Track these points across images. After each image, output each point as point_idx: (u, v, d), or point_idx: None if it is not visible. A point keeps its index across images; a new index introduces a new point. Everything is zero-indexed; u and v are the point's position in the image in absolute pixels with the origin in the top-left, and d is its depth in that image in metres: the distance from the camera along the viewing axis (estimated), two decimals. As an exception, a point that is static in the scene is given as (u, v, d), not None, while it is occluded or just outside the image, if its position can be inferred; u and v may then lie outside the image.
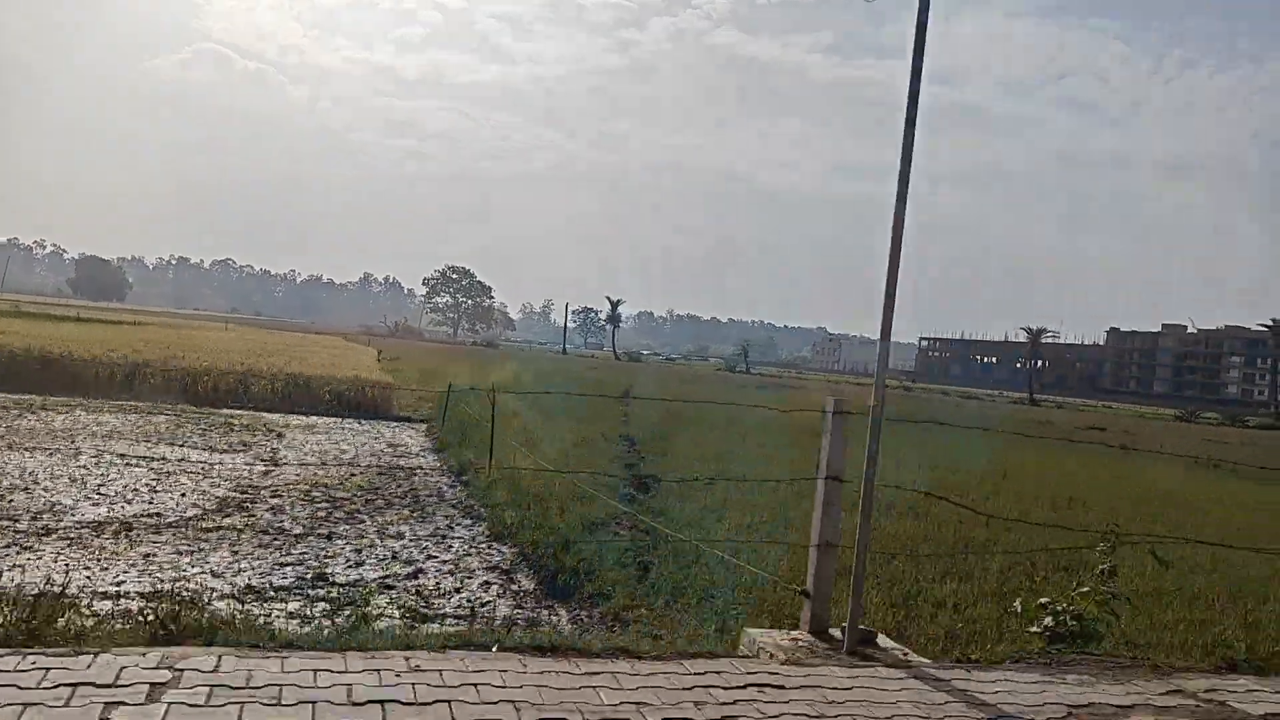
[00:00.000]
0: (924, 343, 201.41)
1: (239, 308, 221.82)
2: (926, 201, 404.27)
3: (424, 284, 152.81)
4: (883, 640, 5.15)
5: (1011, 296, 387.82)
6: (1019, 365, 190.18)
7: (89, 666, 3.64)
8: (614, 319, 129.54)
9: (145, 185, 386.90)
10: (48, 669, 3.59)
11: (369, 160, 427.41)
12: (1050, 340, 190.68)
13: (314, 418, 21.02)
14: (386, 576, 7.90)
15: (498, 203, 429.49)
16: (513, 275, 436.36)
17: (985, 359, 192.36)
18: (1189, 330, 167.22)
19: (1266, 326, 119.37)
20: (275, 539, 8.93)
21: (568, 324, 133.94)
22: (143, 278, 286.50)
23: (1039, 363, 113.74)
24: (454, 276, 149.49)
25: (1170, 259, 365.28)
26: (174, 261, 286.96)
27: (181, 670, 3.69)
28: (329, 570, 7.96)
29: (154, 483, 11.28)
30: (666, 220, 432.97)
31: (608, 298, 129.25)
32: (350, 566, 8.20)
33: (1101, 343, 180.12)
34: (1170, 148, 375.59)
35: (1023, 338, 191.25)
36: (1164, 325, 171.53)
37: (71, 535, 8.40)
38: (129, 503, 10.03)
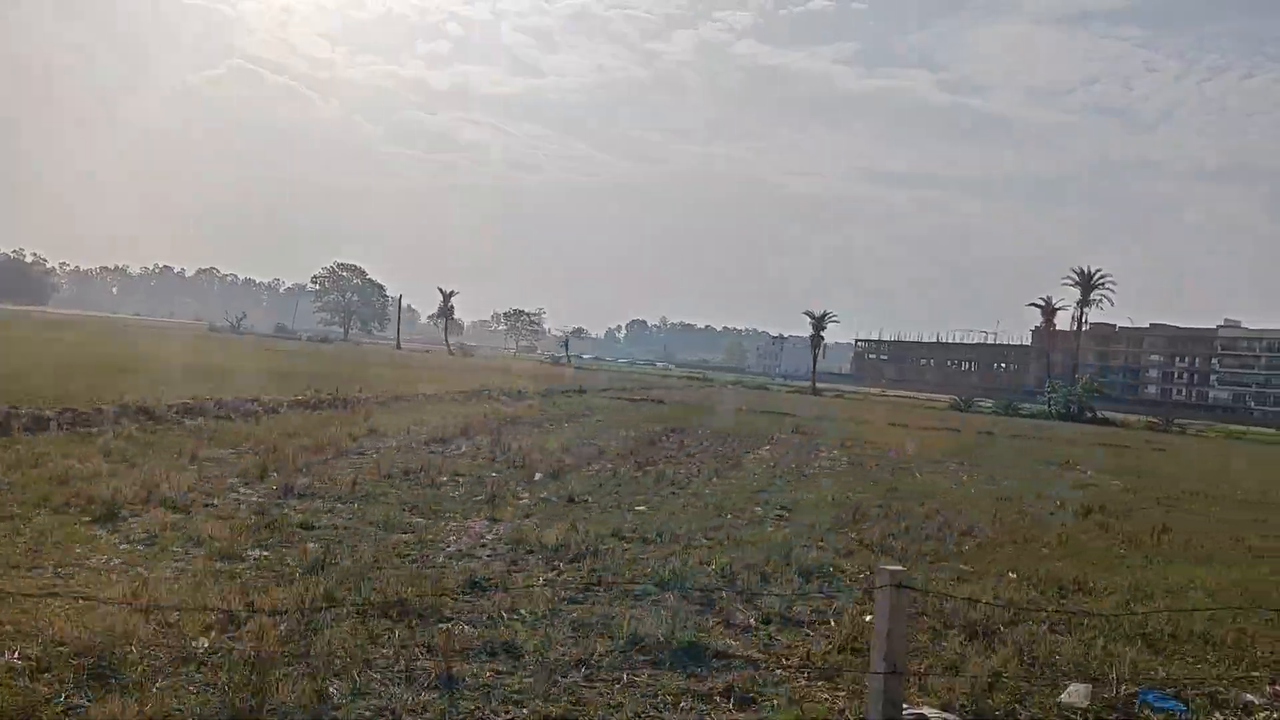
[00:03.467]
0: (860, 345, 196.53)
1: (202, 314, 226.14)
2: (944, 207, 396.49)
3: (313, 281, 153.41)
4: None
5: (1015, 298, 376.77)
6: (950, 364, 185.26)
7: None
8: (446, 312, 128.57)
9: (170, 198, 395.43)
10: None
11: (399, 172, 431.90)
12: (985, 342, 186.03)
13: None
14: None
15: (526, 215, 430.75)
16: (537, 286, 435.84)
17: (923, 360, 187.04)
18: (1115, 328, 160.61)
19: (1038, 305, 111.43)
20: None
21: (412, 318, 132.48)
22: (125, 286, 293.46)
23: (820, 352, 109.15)
24: (344, 275, 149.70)
25: (1195, 262, 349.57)
26: (157, 270, 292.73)
27: None
28: None
29: None
30: (691, 230, 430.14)
31: (439, 289, 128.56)
32: None
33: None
34: (1203, 153, 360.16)
35: (962, 337, 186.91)
36: (1091, 324, 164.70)
37: None
38: None
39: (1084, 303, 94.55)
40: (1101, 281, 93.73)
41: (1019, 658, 7.09)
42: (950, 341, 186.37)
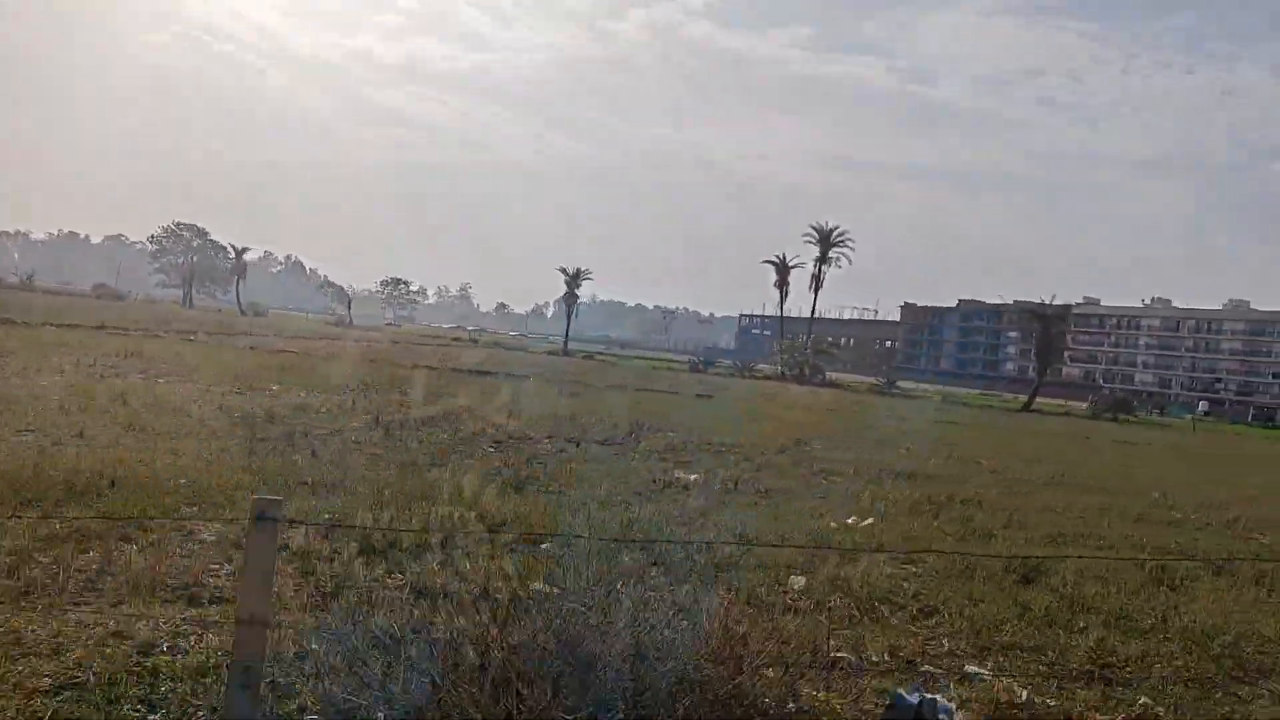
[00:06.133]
0: (744, 320, 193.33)
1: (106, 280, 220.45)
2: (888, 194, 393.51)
3: (150, 241, 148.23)
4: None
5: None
6: (828, 340, 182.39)
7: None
8: (239, 269, 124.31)
9: (103, 164, 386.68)
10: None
11: (343, 146, 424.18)
12: (859, 319, 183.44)
13: None
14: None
15: (470, 192, 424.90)
16: (484, 262, 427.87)
17: (802, 336, 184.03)
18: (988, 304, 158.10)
19: (773, 263, 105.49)
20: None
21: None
22: (26, 250, 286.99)
23: (574, 311, 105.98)
24: (185, 235, 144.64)
25: (1135, 250, 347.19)
26: (61, 235, 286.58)
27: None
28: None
29: None
30: (638, 210, 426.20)
31: (231, 245, 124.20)
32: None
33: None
34: (1143, 146, 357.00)
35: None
36: (960, 300, 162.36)
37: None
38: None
39: (822, 259, 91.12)
40: (840, 240, 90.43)
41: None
42: (829, 318, 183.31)
